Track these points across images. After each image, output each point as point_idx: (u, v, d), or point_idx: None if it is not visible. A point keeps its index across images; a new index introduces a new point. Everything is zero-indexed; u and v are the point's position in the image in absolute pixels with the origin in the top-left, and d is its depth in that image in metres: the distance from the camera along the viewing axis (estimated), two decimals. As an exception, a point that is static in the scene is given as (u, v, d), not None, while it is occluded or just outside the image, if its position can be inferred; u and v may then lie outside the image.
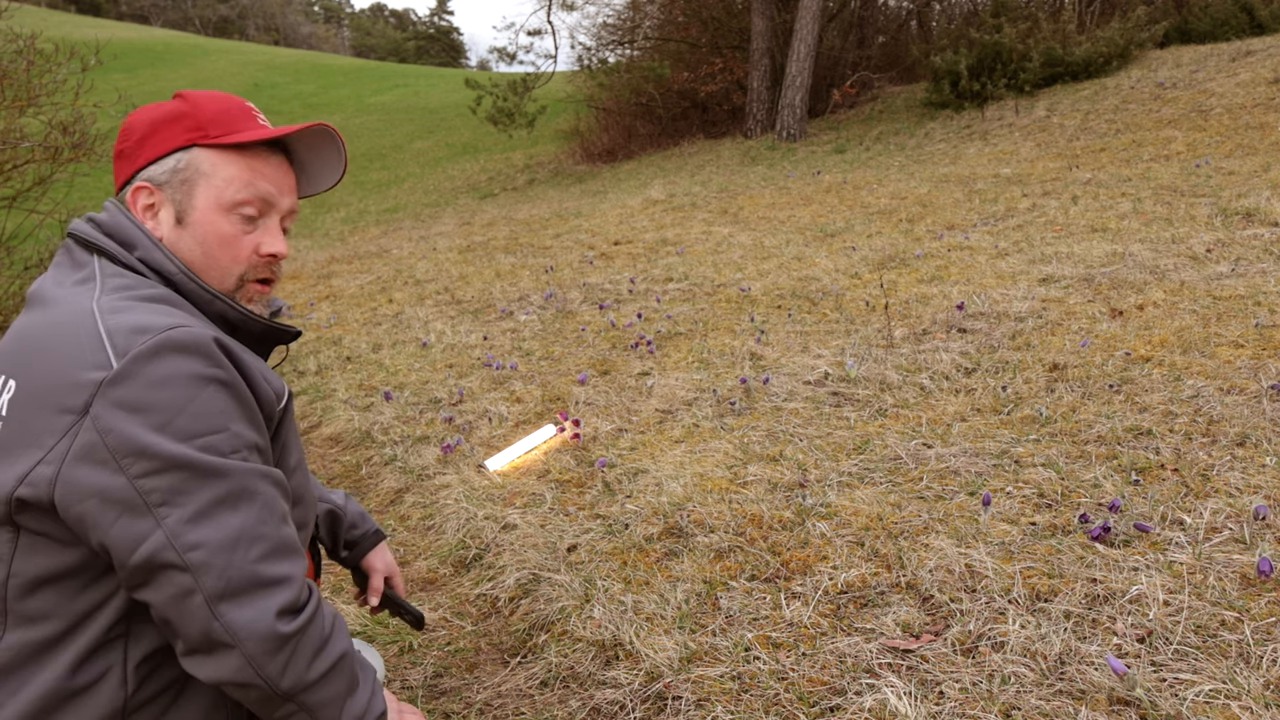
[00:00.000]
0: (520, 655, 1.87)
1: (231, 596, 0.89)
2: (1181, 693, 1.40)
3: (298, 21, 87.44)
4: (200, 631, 0.90)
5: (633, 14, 17.08)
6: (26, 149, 4.36)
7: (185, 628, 0.90)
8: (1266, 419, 2.29)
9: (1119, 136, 7.72)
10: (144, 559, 0.88)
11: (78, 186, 5.24)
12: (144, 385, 0.87)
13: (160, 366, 0.88)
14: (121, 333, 0.89)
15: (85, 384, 0.87)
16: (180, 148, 1.04)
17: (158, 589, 0.90)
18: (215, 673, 0.91)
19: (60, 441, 0.87)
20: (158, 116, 1.06)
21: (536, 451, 2.86)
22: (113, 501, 0.87)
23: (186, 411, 0.89)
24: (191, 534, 0.88)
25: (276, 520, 0.94)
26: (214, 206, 1.04)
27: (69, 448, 0.87)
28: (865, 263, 4.81)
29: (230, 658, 0.90)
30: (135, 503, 0.87)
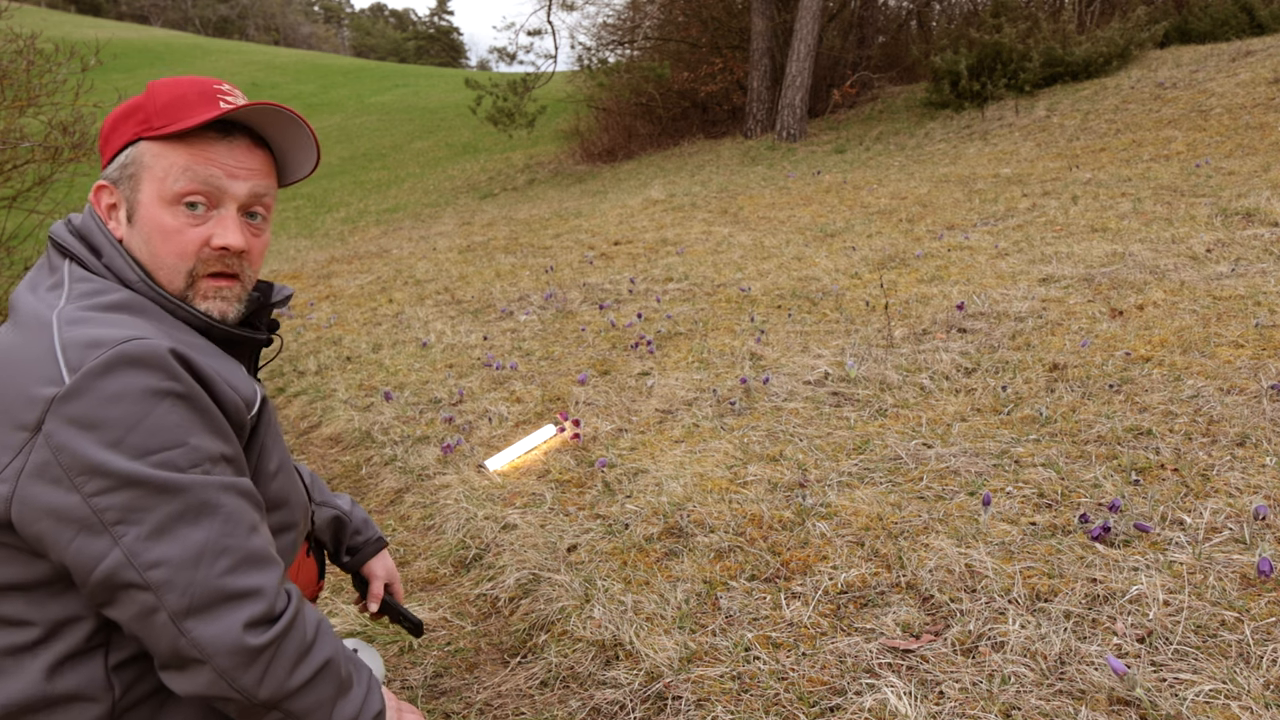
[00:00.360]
0: (520, 655, 1.87)
1: (197, 612, 0.87)
2: (1181, 693, 1.40)
3: (298, 21, 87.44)
4: (169, 648, 0.88)
5: (633, 14, 17.09)
6: (26, 149, 4.36)
7: (154, 644, 0.89)
8: (1266, 419, 2.29)
9: (1119, 136, 7.72)
10: (103, 578, 0.86)
11: (78, 186, 5.24)
12: (96, 401, 0.85)
13: (113, 382, 0.86)
14: (75, 347, 0.87)
15: (38, 400, 0.85)
16: (129, 143, 1.01)
17: (121, 607, 0.88)
18: (190, 687, 0.90)
19: (15, 459, 0.85)
20: (119, 113, 1.03)
21: (536, 451, 2.86)
22: (68, 520, 0.85)
23: (140, 427, 0.86)
24: (151, 552, 0.86)
25: (243, 532, 0.91)
26: (156, 199, 1.00)
27: (23, 466, 0.85)
28: (865, 263, 4.81)
29: (202, 673, 0.89)
30: (91, 521, 0.85)
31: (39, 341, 0.89)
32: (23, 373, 0.87)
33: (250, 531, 0.92)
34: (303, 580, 1.36)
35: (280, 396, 4.15)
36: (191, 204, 1.00)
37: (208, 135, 1.00)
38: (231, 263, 1.03)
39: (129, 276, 0.99)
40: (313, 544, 1.41)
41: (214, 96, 1.01)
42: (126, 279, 0.99)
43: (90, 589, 0.88)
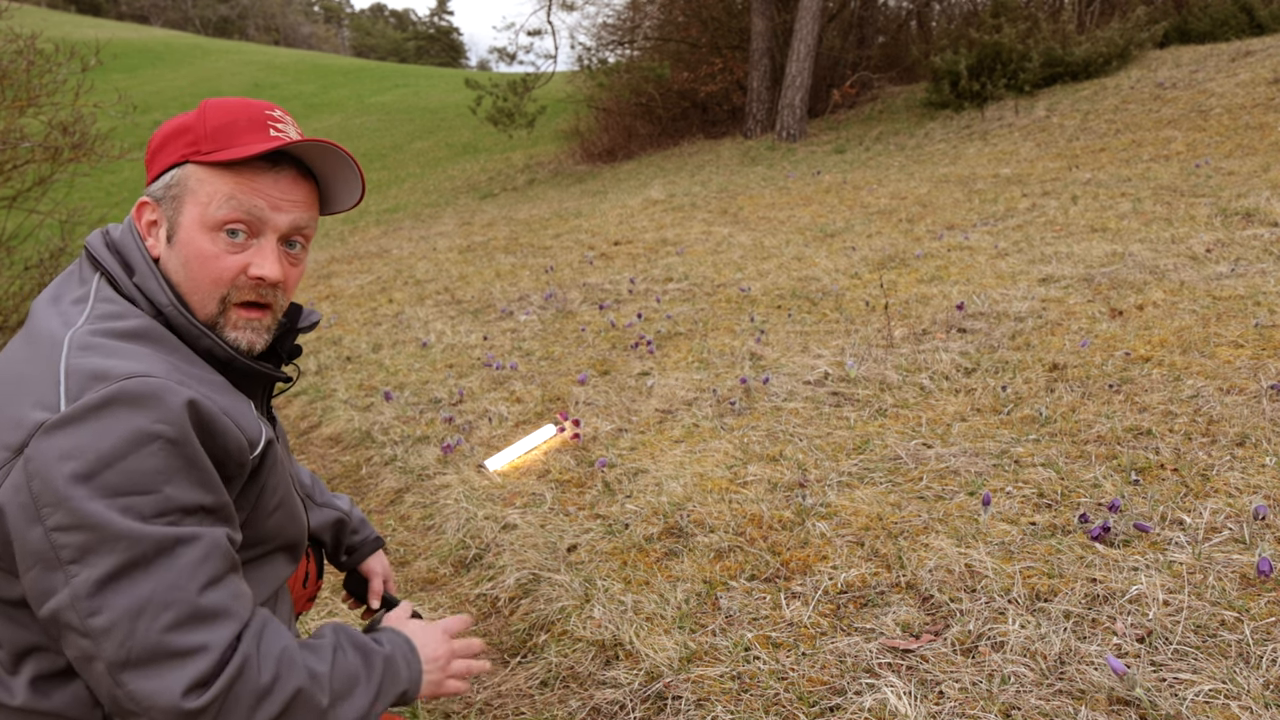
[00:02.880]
0: (520, 655, 1.87)
1: (134, 666, 0.84)
2: (1181, 692, 1.40)
3: (298, 21, 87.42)
4: (107, 696, 0.86)
5: (633, 14, 17.09)
6: (26, 149, 4.36)
7: (95, 689, 0.88)
8: (1266, 419, 2.29)
9: (1119, 136, 7.72)
10: (49, 615, 0.85)
11: (78, 186, 5.23)
12: (84, 434, 0.84)
13: (104, 417, 0.84)
14: (79, 375, 0.86)
15: (27, 423, 0.84)
16: (176, 164, 1.00)
17: (66, 646, 0.87)
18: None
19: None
20: (169, 130, 1.02)
21: (536, 451, 2.86)
22: (29, 551, 0.84)
23: (117, 467, 0.84)
24: (95, 599, 0.83)
25: (197, 586, 0.87)
26: (197, 224, 0.99)
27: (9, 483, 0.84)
28: (865, 263, 4.81)
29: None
30: (48, 556, 0.84)
31: (46, 361, 0.88)
32: (22, 392, 0.87)
33: (207, 586, 0.88)
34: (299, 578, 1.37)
35: (280, 396, 4.14)
36: (232, 231, 0.99)
37: (255, 164, 0.99)
38: (265, 293, 1.02)
39: (160, 299, 0.98)
40: (312, 544, 1.41)
41: (265, 125, 1.00)
42: (157, 301, 0.98)
43: (41, 622, 0.87)
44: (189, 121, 1.01)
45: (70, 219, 4.70)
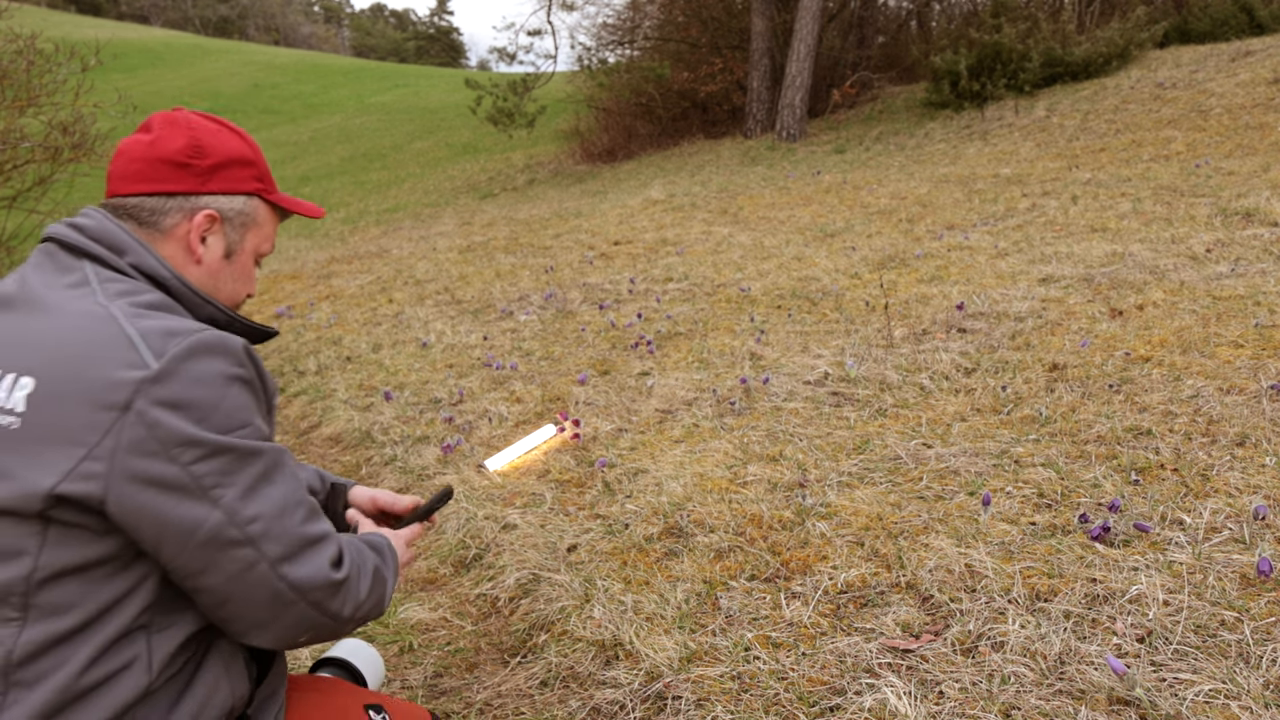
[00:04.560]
0: (520, 655, 1.87)
1: (290, 558, 0.98)
2: (1181, 692, 1.40)
3: (298, 21, 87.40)
4: (266, 597, 0.98)
5: (633, 14, 17.09)
6: (26, 149, 4.36)
7: (249, 598, 0.98)
8: (1266, 419, 2.29)
9: (1119, 136, 7.72)
10: (207, 538, 0.93)
11: (78, 186, 5.23)
12: (182, 384, 0.92)
13: (195, 366, 0.94)
14: (154, 335, 0.94)
15: (124, 382, 0.90)
16: (249, 193, 1.15)
17: (218, 569, 0.95)
18: (282, 633, 1.02)
19: (105, 438, 0.89)
20: (232, 153, 1.13)
21: (536, 451, 2.86)
22: (170, 488, 0.91)
23: (220, 408, 0.95)
24: (247, 509, 0.95)
25: (303, 489, 1.03)
26: (252, 250, 1.17)
27: (116, 443, 0.89)
28: (865, 263, 4.81)
29: (294, 611, 1.00)
30: (191, 487, 0.92)
31: (103, 330, 0.94)
32: (94, 358, 0.92)
33: (306, 489, 1.05)
34: None
35: (281, 396, 4.15)
36: (259, 262, 1.21)
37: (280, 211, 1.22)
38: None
39: (162, 273, 1.06)
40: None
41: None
42: (158, 275, 1.06)
43: (191, 552, 0.94)
44: (249, 153, 1.15)
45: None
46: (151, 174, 1.08)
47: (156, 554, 0.94)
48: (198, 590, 0.97)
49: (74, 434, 0.89)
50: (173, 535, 0.92)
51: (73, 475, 0.88)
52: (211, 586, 0.96)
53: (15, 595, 0.89)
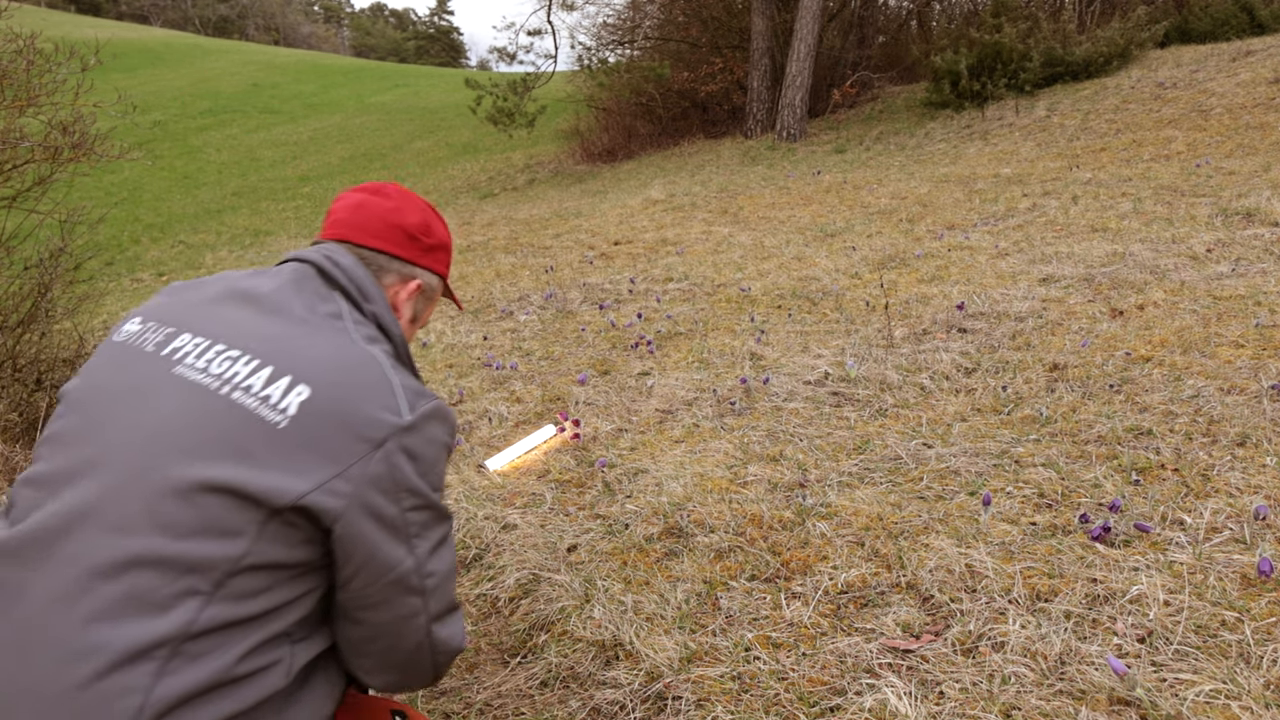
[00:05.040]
0: (520, 655, 1.87)
1: (441, 618, 1.10)
2: (1182, 693, 1.40)
3: (298, 21, 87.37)
4: (412, 645, 1.09)
5: (633, 14, 17.09)
6: (26, 149, 4.35)
7: (398, 643, 1.08)
8: (1266, 419, 2.29)
9: (1119, 136, 7.72)
10: (396, 579, 1.03)
11: (78, 186, 5.23)
12: (421, 440, 1.03)
13: (432, 428, 1.05)
14: (410, 390, 1.05)
15: (383, 423, 1.00)
16: (441, 275, 1.33)
17: (390, 608, 1.05)
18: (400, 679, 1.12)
19: (355, 465, 0.98)
20: (444, 239, 1.33)
21: (536, 451, 2.86)
22: (387, 525, 1.01)
23: (435, 469, 1.06)
24: (430, 564, 1.06)
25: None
26: (423, 321, 1.35)
27: (363, 473, 0.98)
28: (865, 263, 4.81)
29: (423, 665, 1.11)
30: (401, 530, 1.02)
31: (371, 371, 1.04)
32: (364, 394, 1.01)
33: None
34: None
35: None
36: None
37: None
38: None
39: (395, 332, 1.21)
40: None
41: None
42: (392, 332, 1.20)
43: (377, 587, 1.03)
44: (449, 243, 1.35)
45: (70, 219, 4.70)
46: (388, 236, 1.24)
47: (350, 578, 1.01)
48: (361, 621, 1.05)
49: (333, 453, 0.97)
50: (374, 567, 1.01)
51: (323, 489, 0.96)
52: (376, 621, 1.05)
53: (217, 572, 0.92)
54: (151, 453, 0.95)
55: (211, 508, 0.93)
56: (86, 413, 1.01)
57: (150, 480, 0.93)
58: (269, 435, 0.96)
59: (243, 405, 0.97)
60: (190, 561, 0.91)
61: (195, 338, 1.05)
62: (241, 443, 0.95)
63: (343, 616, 1.06)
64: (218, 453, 0.95)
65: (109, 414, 1.00)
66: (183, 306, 1.11)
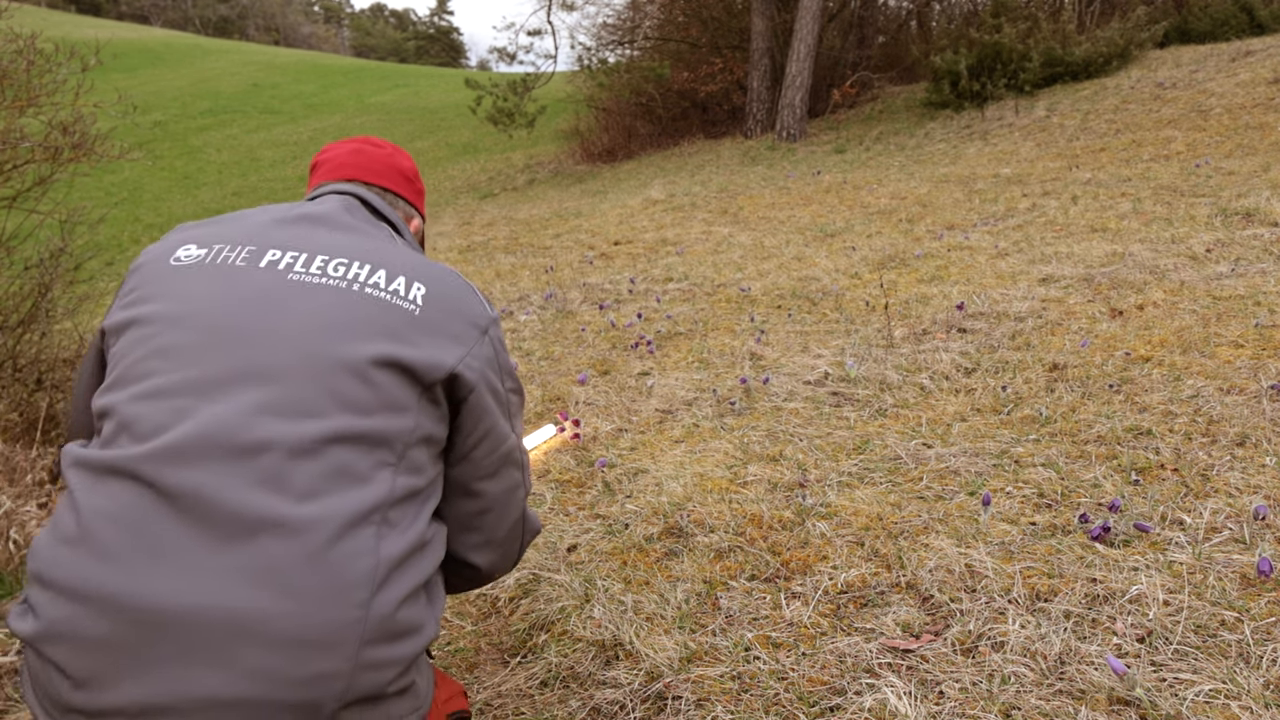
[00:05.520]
0: (520, 655, 1.87)
1: (529, 494, 1.24)
2: (1181, 692, 1.40)
3: (298, 21, 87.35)
4: (516, 517, 1.21)
5: (633, 14, 17.08)
6: (26, 149, 4.35)
7: (505, 514, 1.19)
8: (1266, 419, 2.29)
9: (1119, 136, 7.72)
10: (508, 451, 1.16)
11: (78, 186, 5.22)
12: (500, 331, 1.17)
13: (500, 324, 1.19)
14: (482, 295, 1.19)
15: (485, 315, 1.14)
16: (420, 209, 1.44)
17: (501, 479, 1.16)
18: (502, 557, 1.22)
19: (476, 346, 1.11)
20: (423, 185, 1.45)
21: (537, 451, 2.86)
22: (499, 401, 1.14)
23: (509, 357, 1.20)
24: (523, 444, 1.21)
25: None
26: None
27: (481, 353, 1.11)
28: (865, 263, 4.81)
29: (517, 540, 1.23)
30: (506, 408, 1.16)
31: (456, 276, 1.16)
32: (463, 294, 1.14)
33: None
34: None
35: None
36: None
37: None
38: None
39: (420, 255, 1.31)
40: None
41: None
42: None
43: (496, 457, 1.15)
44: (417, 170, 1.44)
45: (70, 219, 4.69)
46: (392, 177, 1.35)
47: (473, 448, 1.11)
48: (479, 493, 1.14)
49: (458, 335, 1.09)
50: (493, 437, 1.13)
51: (463, 363, 1.07)
52: (491, 492, 1.15)
53: (399, 444, 1.01)
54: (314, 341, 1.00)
55: (385, 384, 1.00)
56: (201, 326, 1.01)
57: (323, 365, 0.99)
58: (410, 320, 1.05)
59: (379, 298, 1.05)
60: (379, 435, 0.99)
61: (289, 252, 1.09)
62: (392, 326, 1.04)
63: (460, 492, 1.14)
64: (377, 334, 1.02)
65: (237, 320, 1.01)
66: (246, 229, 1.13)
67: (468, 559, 1.18)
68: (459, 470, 1.12)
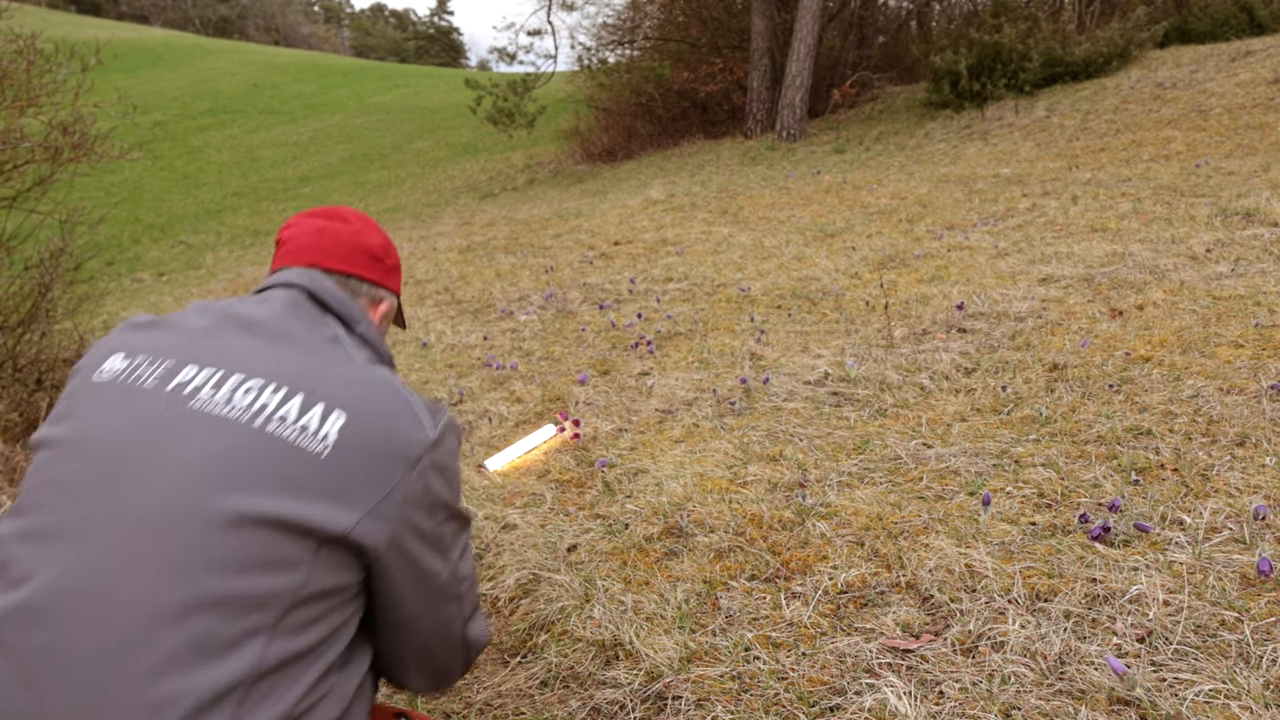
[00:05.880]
0: (520, 655, 1.87)
1: (471, 618, 1.16)
2: (1181, 692, 1.40)
3: (298, 21, 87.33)
4: (452, 648, 1.14)
5: (633, 14, 17.08)
6: (26, 149, 4.35)
7: (440, 647, 1.13)
8: (1266, 419, 2.29)
9: (1119, 136, 7.72)
10: (439, 588, 1.08)
11: (78, 186, 5.23)
12: (444, 453, 1.05)
13: (450, 440, 1.07)
14: (424, 407, 1.06)
15: (416, 442, 1.01)
16: (398, 296, 1.34)
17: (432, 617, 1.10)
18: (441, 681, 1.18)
19: (397, 487, 0.99)
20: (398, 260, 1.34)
21: (536, 451, 2.86)
22: (427, 540, 1.04)
23: (457, 479, 1.09)
24: (462, 569, 1.11)
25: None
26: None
27: (404, 494, 1.00)
28: (865, 263, 4.81)
29: (458, 664, 1.18)
30: (437, 543, 1.06)
31: (390, 391, 1.04)
32: (393, 416, 1.02)
33: None
34: None
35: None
36: None
37: None
38: None
39: (384, 351, 1.24)
40: None
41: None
42: (381, 351, 1.23)
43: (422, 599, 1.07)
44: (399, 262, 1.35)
45: (70, 219, 4.69)
46: (355, 259, 1.25)
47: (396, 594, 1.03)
48: (406, 634, 1.08)
49: (375, 477, 0.97)
50: (417, 580, 1.04)
51: (372, 513, 0.96)
52: (420, 631, 1.09)
53: (279, 606, 0.90)
54: (192, 490, 0.91)
55: (266, 541, 0.90)
56: (92, 456, 0.95)
57: (198, 518, 0.90)
58: (313, 464, 0.94)
59: (280, 436, 0.95)
60: (251, 598, 0.89)
61: (204, 369, 1.00)
62: (287, 474, 0.93)
63: (388, 632, 1.07)
64: (265, 485, 0.92)
65: (125, 456, 0.94)
66: (174, 338, 1.06)
67: (404, 685, 1.14)
68: (382, 612, 1.04)
